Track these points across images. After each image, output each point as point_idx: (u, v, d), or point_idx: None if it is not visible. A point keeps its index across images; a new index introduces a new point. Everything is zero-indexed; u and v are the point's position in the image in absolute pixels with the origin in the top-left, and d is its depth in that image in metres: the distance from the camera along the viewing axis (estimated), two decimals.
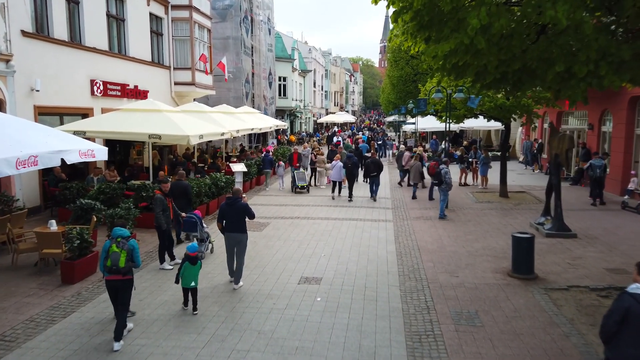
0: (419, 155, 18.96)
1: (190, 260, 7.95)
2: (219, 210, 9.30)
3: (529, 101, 15.18)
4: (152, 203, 10.01)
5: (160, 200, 9.90)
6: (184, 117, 15.15)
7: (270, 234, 12.66)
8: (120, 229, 7.08)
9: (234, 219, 9.00)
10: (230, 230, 9.03)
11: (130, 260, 6.81)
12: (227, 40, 32.57)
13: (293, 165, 19.97)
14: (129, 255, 6.78)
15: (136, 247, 6.92)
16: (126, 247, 6.78)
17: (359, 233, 12.73)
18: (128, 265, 6.75)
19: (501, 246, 11.35)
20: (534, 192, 18.73)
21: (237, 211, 9.05)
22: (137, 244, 7.07)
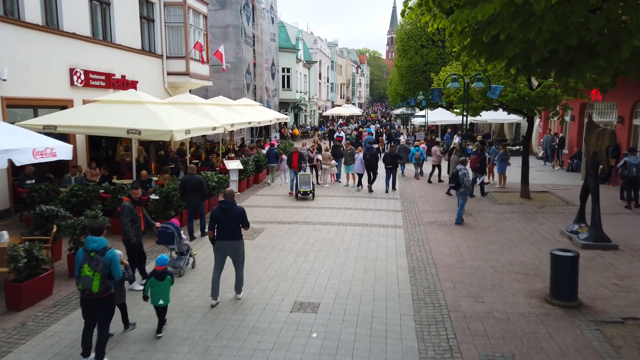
0: (459, 150, 17.32)
1: (156, 275, 6.74)
2: (211, 216, 7.85)
3: (557, 91, 13.45)
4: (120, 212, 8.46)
5: (129, 209, 8.35)
6: (170, 110, 13.58)
7: (263, 243, 11.09)
8: (95, 239, 5.86)
9: (229, 227, 7.75)
10: (223, 238, 7.76)
11: (108, 278, 5.84)
12: (226, 29, 30.97)
13: (293, 167, 17.04)
14: (104, 275, 5.74)
15: (114, 259, 5.92)
16: (100, 266, 5.72)
17: (365, 242, 11.14)
18: (105, 286, 5.79)
19: (531, 260, 9.71)
20: (559, 192, 17.02)
21: (233, 217, 7.77)
22: (116, 254, 5.93)
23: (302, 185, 16.12)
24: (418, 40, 33.32)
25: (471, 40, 6.07)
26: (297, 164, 16.91)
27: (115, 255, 5.97)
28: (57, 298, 7.96)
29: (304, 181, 16.22)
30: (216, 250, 7.89)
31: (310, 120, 58.99)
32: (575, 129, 22.60)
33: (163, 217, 11.44)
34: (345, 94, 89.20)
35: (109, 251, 5.88)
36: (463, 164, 12.90)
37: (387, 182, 17.86)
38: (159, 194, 11.56)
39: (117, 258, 6.02)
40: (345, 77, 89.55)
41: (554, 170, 22.84)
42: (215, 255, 7.92)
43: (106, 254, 5.83)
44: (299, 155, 17.23)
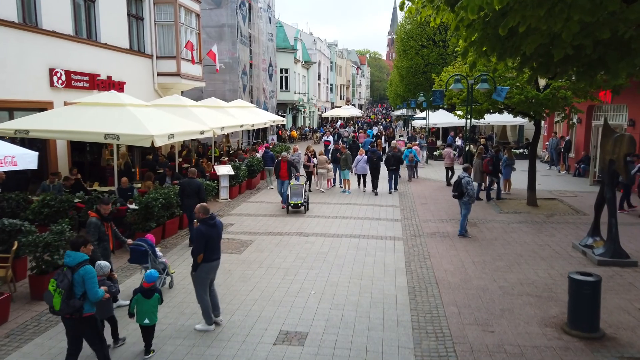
0: (481, 153, 16.47)
1: (143, 292, 6.30)
2: (202, 236, 6.84)
3: (567, 93, 12.57)
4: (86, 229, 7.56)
5: (95, 227, 7.47)
6: (154, 113, 12.72)
7: (250, 258, 10.21)
8: (70, 253, 5.51)
9: (217, 244, 7.07)
10: (215, 258, 7.03)
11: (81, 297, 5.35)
12: (222, 28, 30.14)
13: (280, 177, 15.30)
14: (68, 293, 5.27)
15: (88, 276, 5.38)
16: (64, 283, 5.29)
17: (361, 257, 10.25)
18: (71, 306, 5.29)
19: (543, 279, 8.83)
20: (567, 199, 16.13)
21: (219, 233, 7.15)
22: (89, 271, 5.43)
23: (293, 196, 14.35)
24: (419, 40, 32.46)
25: (480, 35, 5.21)
26: (286, 174, 15.22)
27: (89, 272, 5.39)
28: (13, 326, 7.09)
29: (295, 192, 14.42)
30: (207, 273, 7.01)
31: (309, 122, 58.11)
32: (582, 132, 21.68)
33: (142, 230, 10.59)
34: (345, 95, 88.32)
35: (82, 268, 5.36)
36: (466, 171, 12.01)
37: (390, 183, 18.32)
38: (137, 204, 10.68)
39: (93, 275, 5.39)
40: (345, 78, 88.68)
41: (560, 175, 21.94)
42: (203, 280, 6.97)
43: (79, 270, 5.34)
44: (288, 164, 15.44)
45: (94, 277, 5.45)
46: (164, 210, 11.25)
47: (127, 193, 11.91)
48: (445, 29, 31.93)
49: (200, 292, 6.99)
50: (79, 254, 5.50)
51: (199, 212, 7.15)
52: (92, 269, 5.51)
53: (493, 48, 5.10)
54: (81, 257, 5.48)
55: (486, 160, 15.60)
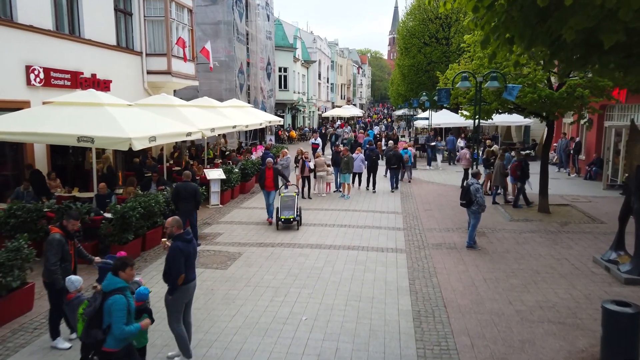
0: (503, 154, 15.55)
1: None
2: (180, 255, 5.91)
3: (585, 92, 11.55)
4: (46, 247, 6.56)
5: (59, 245, 6.48)
6: (135, 114, 11.74)
7: (237, 274, 9.20)
8: (110, 277, 4.96)
9: (194, 263, 6.19)
10: (190, 279, 6.11)
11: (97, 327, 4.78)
12: (218, 26, 29.11)
13: (266, 188, 13.42)
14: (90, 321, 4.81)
15: (116, 307, 4.73)
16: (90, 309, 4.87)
17: (360, 273, 9.24)
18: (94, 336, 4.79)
19: (565, 302, 7.82)
20: (580, 205, 15.10)
21: (196, 248, 6.33)
22: (118, 302, 4.75)
23: (284, 210, 12.44)
24: (421, 37, 31.40)
25: (504, 19, 4.20)
26: (272, 183, 13.28)
27: (118, 303, 4.74)
28: None
29: (286, 205, 12.53)
30: (183, 296, 6.05)
31: (309, 122, 57.09)
32: (594, 133, 20.62)
33: (119, 242, 9.59)
34: (346, 95, 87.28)
35: (112, 297, 4.75)
36: (475, 178, 11.00)
37: (392, 181, 18.41)
38: (113, 213, 9.68)
39: (122, 307, 4.76)
40: (346, 78, 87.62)
41: (570, 178, 20.92)
42: (178, 304, 6.02)
43: (109, 299, 4.75)
44: (274, 172, 13.50)
45: (123, 309, 4.76)
46: (143, 219, 10.25)
47: (105, 200, 10.93)
48: (448, 26, 30.92)
49: (174, 319, 6.01)
50: (115, 280, 4.89)
51: (172, 226, 6.19)
52: (123, 300, 4.78)
53: (521, 34, 4.09)
54: (116, 284, 4.87)
55: (514, 164, 14.64)
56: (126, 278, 4.99)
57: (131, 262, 5.14)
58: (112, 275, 4.96)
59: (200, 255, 10.13)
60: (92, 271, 8.62)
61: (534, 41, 4.17)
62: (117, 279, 4.92)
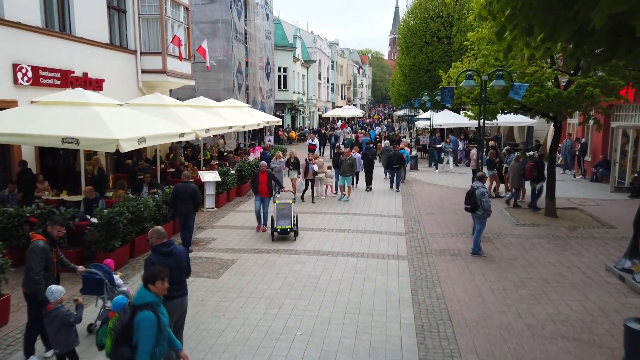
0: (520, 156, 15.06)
1: None
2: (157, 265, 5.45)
3: (595, 91, 11.03)
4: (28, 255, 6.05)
5: (43, 253, 6.01)
6: (124, 114, 11.26)
7: (229, 283, 8.69)
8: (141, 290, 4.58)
9: (177, 277, 5.48)
10: (174, 295, 5.44)
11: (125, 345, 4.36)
12: (216, 24, 28.66)
13: (259, 194, 12.33)
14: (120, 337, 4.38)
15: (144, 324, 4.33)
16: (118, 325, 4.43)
17: (359, 282, 8.73)
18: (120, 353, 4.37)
19: (578, 314, 7.30)
20: (588, 209, 14.58)
21: (180, 263, 5.70)
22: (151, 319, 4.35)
23: (280, 219, 11.50)
24: (422, 36, 30.88)
25: (521, 5, 3.69)
26: (266, 189, 12.24)
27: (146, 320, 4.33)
28: None
29: (282, 214, 11.56)
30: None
31: (309, 122, 56.58)
32: (600, 134, 20.09)
33: (105, 250, 9.09)
34: (347, 95, 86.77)
35: (141, 313, 4.35)
36: (481, 181, 10.49)
37: (392, 181, 18.44)
38: (99, 219, 9.17)
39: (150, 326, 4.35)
40: (347, 78, 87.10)
41: (575, 180, 20.39)
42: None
43: (138, 314, 4.35)
44: (269, 177, 12.39)
45: (152, 327, 4.35)
46: (132, 225, 9.74)
47: (93, 204, 10.42)
48: (450, 24, 30.39)
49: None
50: (145, 294, 4.50)
51: (151, 236, 5.73)
52: (152, 317, 4.37)
53: (542, 22, 3.59)
54: (145, 298, 4.47)
55: (530, 165, 14.13)
56: (157, 292, 4.54)
57: (161, 274, 4.61)
58: (143, 288, 4.56)
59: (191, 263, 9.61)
60: (76, 280, 8.13)
61: (556, 31, 3.66)
62: (147, 293, 4.50)
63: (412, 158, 24.73)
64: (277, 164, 16.23)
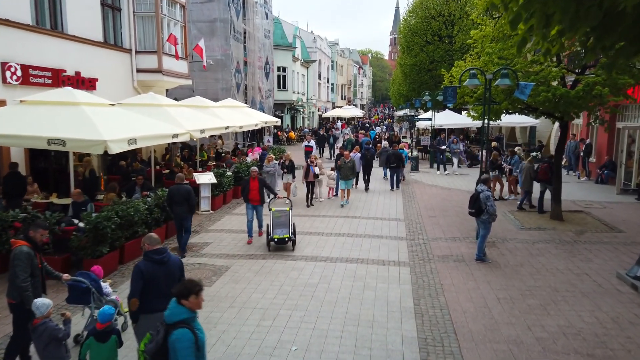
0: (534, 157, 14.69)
1: (97, 335, 5.20)
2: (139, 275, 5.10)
3: (604, 90, 10.61)
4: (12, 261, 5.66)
5: (28, 258, 5.69)
6: (114, 114, 10.86)
7: (222, 292, 8.27)
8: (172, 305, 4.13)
9: (165, 290, 4.92)
10: (156, 309, 4.91)
11: None
12: (214, 23, 28.26)
13: (250, 201, 11.30)
14: None
15: (182, 344, 3.92)
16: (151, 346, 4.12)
17: (359, 291, 8.31)
18: None
19: (590, 326, 6.88)
20: (595, 212, 14.16)
21: (172, 275, 5.20)
22: (188, 337, 3.95)
23: (277, 228, 10.62)
24: (423, 36, 30.45)
25: None
26: (257, 196, 11.23)
27: (183, 339, 3.91)
28: None
29: (279, 222, 10.66)
30: (143, 328, 5.14)
31: (309, 122, 56.16)
32: (605, 135, 19.69)
33: (92, 256, 8.68)
34: (347, 95, 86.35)
35: (176, 332, 3.93)
36: (485, 184, 10.07)
37: (392, 180, 18.45)
38: (85, 223, 8.76)
39: (188, 345, 3.92)
40: (347, 78, 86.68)
41: (580, 182, 19.96)
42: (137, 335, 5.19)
43: (172, 333, 3.93)
44: (260, 183, 11.44)
45: (190, 347, 3.93)
46: (121, 230, 9.33)
47: (81, 208, 10.00)
48: (452, 23, 29.97)
49: None
50: (179, 310, 4.04)
51: (144, 242, 5.35)
52: (189, 335, 3.95)
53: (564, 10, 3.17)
54: (179, 315, 4.02)
55: (544, 166, 13.72)
56: (191, 307, 4.08)
57: (196, 287, 4.13)
58: (175, 304, 4.08)
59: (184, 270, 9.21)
60: (62, 289, 7.74)
61: (579, 20, 3.25)
62: (181, 309, 4.04)
63: (413, 159, 24.34)
64: (270, 167, 15.49)
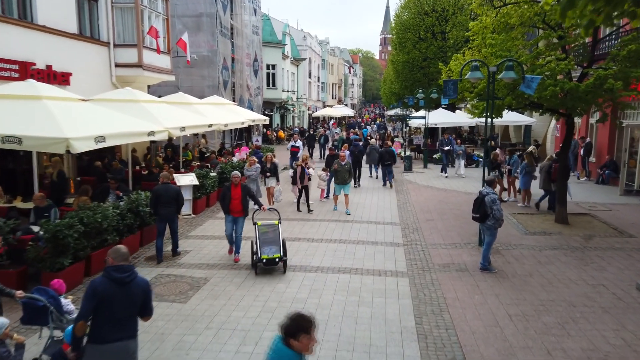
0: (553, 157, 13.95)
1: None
2: (92, 294, 4.19)
3: (617, 83, 9.79)
4: None
5: None
6: (81, 109, 9.87)
7: (199, 310, 7.30)
8: None
9: (123, 315, 4.22)
10: (111, 338, 4.17)
11: None
12: (200, 18, 27.22)
13: (231, 213, 9.50)
14: None
15: None
16: None
17: (353, 308, 7.39)
18: None
19: (618, 349, 6.03)
20: (600, 214, 13.40)
21: (133, 298, 4.29)
22: None
23: (266, 246, 8.71)
24: (416, 32, 29.64)
25: None
26: (240, 206, 9.46)
27: None
28: None
29: (267, 239, 8.83)
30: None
31: (299, 121, 55.18)
32: (606, 133, 19.01)
33: (51, 269, 7.67)
34: (337, 94, 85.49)
35: None
36: (490, 186, 9.20)
37: (384, 177, 18.70)
38: (43, 231, 7.74)
39: None
40: (337, 77, 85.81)
41: (580, 182, 19.23)
42: None
43: None
44: (243, 191, 9.59)
45: None
46: (86, 238, 8.33)
47: (44, 214, 8.98)
48: (445, 19, 29.18)
49: None
50: (285, 352, 3.27)
51: (109, 254, 4.41)
52: None
53: None
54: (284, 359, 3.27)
55: (557, 166, 12.96)
56: (301, 349, 3.29)
57: (308, 324, 3.29)
58: (281, 344, 3.30)
59: (156, 283, 8.24)
60: (15, 307, 6.73)
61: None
62: (288, 351, 3.27)
63: (406, 159, 23.49)
64: (252, 171, 13.83)
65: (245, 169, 13.97)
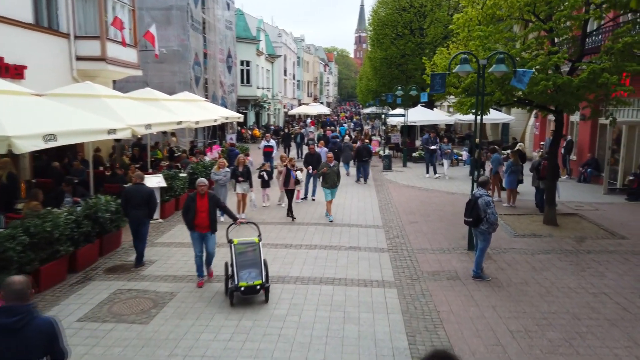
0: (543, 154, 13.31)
1: None
2: None
3: (612, 78, 9.25)
4: None
5: None
6: (33, 105, 8.79)
7: (161, 332, 6.38)
8: None
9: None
10: None
11: None
12: (169, 11, 26.00)
13: (196, 228, 7.93)
14: None
15: None
16: None
17: (338, 326, 6.58)
18: None
19: None
20: (588, 214, 12.96)
21: (28, 345, 3.31)
22: None
23: (244, 270, 7.20)
24: (394, 28, 29.06)
25: None
26: (207, 220, 7.86)
27: None
28: None
29: (245, 261, 7.31)
30: None
31: (275, 119, 54.14)
32: (587, 131, 18.75)
33: None
34: (313, 92, 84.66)
35: None
36: (483, 187, 8.54)
37: (359, 173, 18.76)
38: None
39: None
40: (313, 75, 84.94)
41: (562, 181, 18.73)
42: None
43: None
44: (210, 201, 7.97)
45: None
46: (34, 251, 7.31)
47: None
48: (423, 15, 28.65)
49: None
50: None
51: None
52: None
53: None
54: None
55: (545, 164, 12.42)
56: None
57: None
58: None
59: (115, 300, 7.28)
60: None
61: None
62: None
63: (385, 157, 22.85)
64: (221, 175, 12.13)
65: (213, 172, 12.47)
